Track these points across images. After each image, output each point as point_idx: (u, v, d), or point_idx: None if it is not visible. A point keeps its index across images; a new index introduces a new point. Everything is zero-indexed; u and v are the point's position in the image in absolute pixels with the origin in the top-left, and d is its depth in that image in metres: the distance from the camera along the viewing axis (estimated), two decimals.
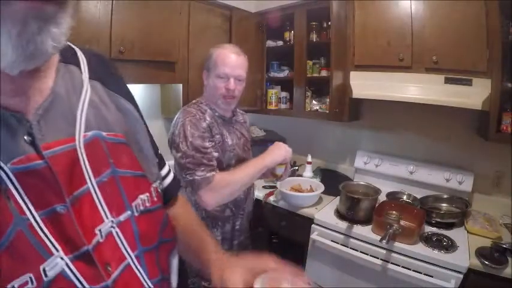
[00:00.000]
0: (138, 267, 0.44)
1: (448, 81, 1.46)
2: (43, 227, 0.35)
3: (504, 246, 1.24)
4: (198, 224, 0.67)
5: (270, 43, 2.19)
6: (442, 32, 1.45)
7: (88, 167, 0.40)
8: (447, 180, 1.68)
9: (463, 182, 1.64)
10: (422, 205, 1.61)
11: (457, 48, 1.42)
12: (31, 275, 0.33)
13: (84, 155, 0.40)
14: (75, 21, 0.36)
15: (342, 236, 1.52)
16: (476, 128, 1.66)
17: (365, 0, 1.68)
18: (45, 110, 0.38)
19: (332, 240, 1.53)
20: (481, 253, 1.24)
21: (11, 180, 0.33)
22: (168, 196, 0.60)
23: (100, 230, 0.40)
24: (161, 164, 0.60)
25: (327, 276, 1.60)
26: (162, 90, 1.99)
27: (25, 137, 0.35)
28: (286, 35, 2.12)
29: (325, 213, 1.66)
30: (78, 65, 0.46)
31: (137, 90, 1.89)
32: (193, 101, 1.24)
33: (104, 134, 0.44)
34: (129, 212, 0.44)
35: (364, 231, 1.47)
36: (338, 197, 1.73)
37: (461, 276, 1.21)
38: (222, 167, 1.16)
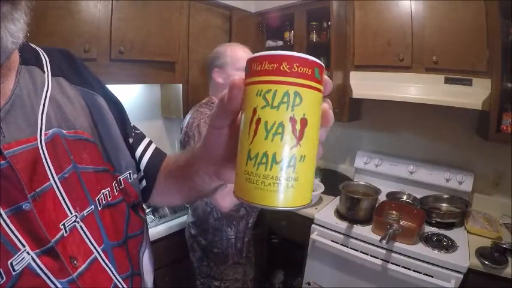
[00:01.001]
0: (106, 261, 0.45)
1: (448, 81, 1.46)
2: (9, 223, 0.36)
3: (504, 246, 1.23)
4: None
5: (270, 43, 2.19)
6: (442, 32, 1.45)
7: (50, 164, 0.41)
8: (447, 180, 1.68)
9: (463, 182, 1.64)
10: (422, 205, 1.61)
11: (457, 48, 1.42)
12: (0, 269, 0.35)
13: (46, 153, 0.41)
14: (29, 19, 0.37)
15: (342, 236, 1.51)
16: (476, 128, 1.66)
17: (365, 0, 1.68)
18: (6, 112, 0.39)
19: (332, 240, 1.53)
20: (481, 253, 1.24)
21: None
22: (152, 170, 0.60)
23: (64, 225, 0.41)
24: (137, 143, 0.60)
25: (327, 276, 1.61)
26: (162, 90, 1.99)
27: None
28: (286, 35, 2.12)
29: (325, 213, 1.66)
30: (41, 65, 0.46)
31: (137, 90, 1.89)
32: (204, 101, 1.22)
33: (64, 131, 0.44)
34: (92, 207, 0.45)
35: (364, 231, 1.47)
36: (338, 197, 1.73)
37: (461, 276, 1.21)
38: None
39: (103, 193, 0.47)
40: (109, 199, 0.48)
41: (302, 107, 0.27)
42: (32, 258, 0.37)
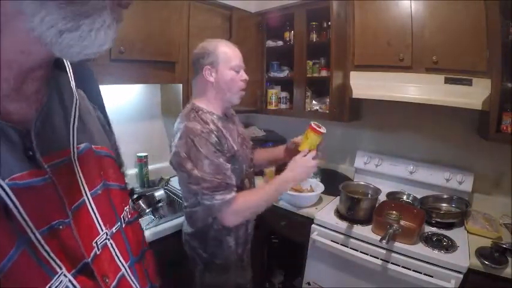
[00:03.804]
0: (132, 277, 0.45)
1: (448, 81, 1.46)
2: (44, 244, 0.34)
3: (504, 246, 1.23)
4: None
5: (270, 43, 2.19)
6: (442, 32, 1.45)
7: (83, 179, 0.40)
8: (447, 180, 1.68)
9: (463, 182, 1.64)
10: (422, 205, 1.61)
11: (457, 48, 1.42)
12: None
13: (79, 168, 0.40)
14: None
15: (342, 236, 1.51)
16: (476, 128, 1.66)
17: (365, 0, 1.68)
18: (41, 121, 0.37)
19: (332, 240, 1.53)
20: (481, 253, 1.24)
21: (9, 197, 0.31)
22: None
23: (97, 243, 0.40)
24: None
25: (327, 276, 1.61)
26: (162, 90, 1.99)
27: (25, 151, 0.34)
28: (286, 35, 2.12)
29: (325, 213, 1.66)
30: (65, 73, 0.44)
31: (137, 90, 1.89)
32: (188, 109, 1.13)
33: (93, 146, 0.44)
34: (119, 223, 0.46)
35: (364, 231, 1.47)
36: (338, 197, 1.73)
37: (461, 276, 1.21)
38: (238, 171, 1.14)
39: (126, 210, 0.48)
40: (129, 216, 0.49)
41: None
42: (69, 280, 0.36)
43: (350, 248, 1.47)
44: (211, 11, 1.86)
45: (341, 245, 1.51)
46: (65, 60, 0.45)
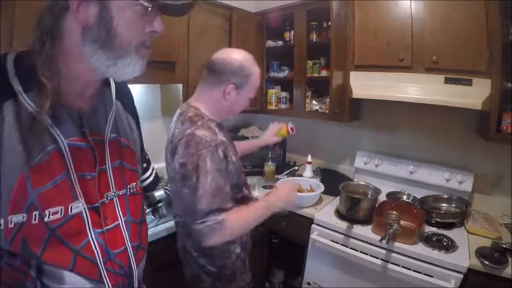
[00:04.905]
0: (125, 229, 0.64)
1: (448, 81, 1.46)
2: (76, 182, 0.55)
3: (504, 246, 1.24)
4: None
5: (270, 43, 2.19)
6: (442, 32, 1.45)
7: (109, 155, 0.62)
8: (447, 180, 1.68)
9: (463, 182, 1.64)
10: (422, 205, 1.61)
11: (457, 48, 1.42)
12: (62, 207, 0.53)
13: (108, 147, 0.62)
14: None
15: (342, 236, 1.52)
16: (476, 128, 1.66)
17: (365, 0, 1.68)
18: (91, 113, 0.60)
19: (332, 240, 1.54)
20: (481, 253, 1.24)
21: (66, 149, 0.54)
22: (147, 191, 1.03)
23: (107, 195, 0.61)
24: (147, 166, 0.95)
25: (327, 276, 1.61)
26: (162, 90, 1.99)
27: (80, 127, 0.57)
28: (286, 35, 2.12)
29: (325, 213, 1.66)
30: (110, 87, 0.67)
31: (137, 90, 1.89)
32: (192, 113, 1.05)
33: (120, 138, 0.66)
34: (124, 190, 0.65)
35: (364, 231, 1.47)
36: (338, 197, 1.74)
37: (461, 276, 1.21)
38: (237, 185, 1.12)
39: (132, 184, 0.68)
40: (134, 190, 0.68)
41: None
42: (84, 209, 0.56)
43: (350, 248, 1.47)
44: (211, 11, 1.86)
45: (341, 245, 1.51)
46: (111, 80, 0.67)
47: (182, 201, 1.02)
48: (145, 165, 0.84)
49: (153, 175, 1.02)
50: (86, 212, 0.56)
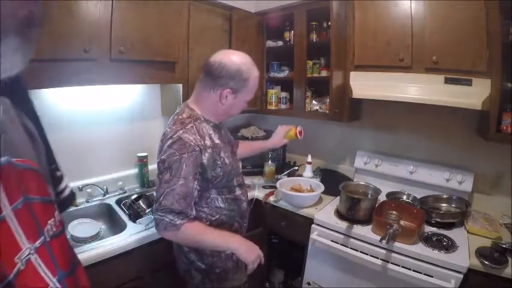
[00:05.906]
0: None
1: (448, 81, 1.46)
2: None
3: (504, 246, 1.24)
4: None
5: (270, 43, 2.19)
6: (442, 32, 1.45)
7: (2, 194, 0.38)
8: (447, 180, 1.68)
9: (463, 182, 1.64)
10: (422, 205, 1.61)
11: (457, 49, 1.42)
12: None
13: None
14: None
15: (342, 236, 1.52)
16: (476, 128, 1.66)
17: (365, 0, 1.68)
18: None
19: (332, 240, 1.54)
20: (481, 253, 1.24)
21: None
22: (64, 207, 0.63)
23: (20, 258, 0.39)
24: (60, 178, 0.62)
25: (327, 276, 1.61)
26: (162, 90, 1.99)
27: None
28: (286, 35, 2.12)
29: (325, 213, 1.66)
30: None
31: (137, 90, 1.89)
32: (187, 114, 1.08)
33: (14, 160, 0.42)
34: (42, 238, 0.44)
35: (364, 231, 1.47)
36: (338, 197, 1.73)
37: (461, 276, 1.21)
38: (227, 186, 1.14)
39: (49, 224, 0.47)
40: (54, 230, 0.48)
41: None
42: None
43: (350, 248, 1.47)
44: (211, 11, 1.86)
45: (341, 245, 1.51)
46: None
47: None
48: (59, 173, 0.59)
49: (68, 189, 0.66)
50: None
